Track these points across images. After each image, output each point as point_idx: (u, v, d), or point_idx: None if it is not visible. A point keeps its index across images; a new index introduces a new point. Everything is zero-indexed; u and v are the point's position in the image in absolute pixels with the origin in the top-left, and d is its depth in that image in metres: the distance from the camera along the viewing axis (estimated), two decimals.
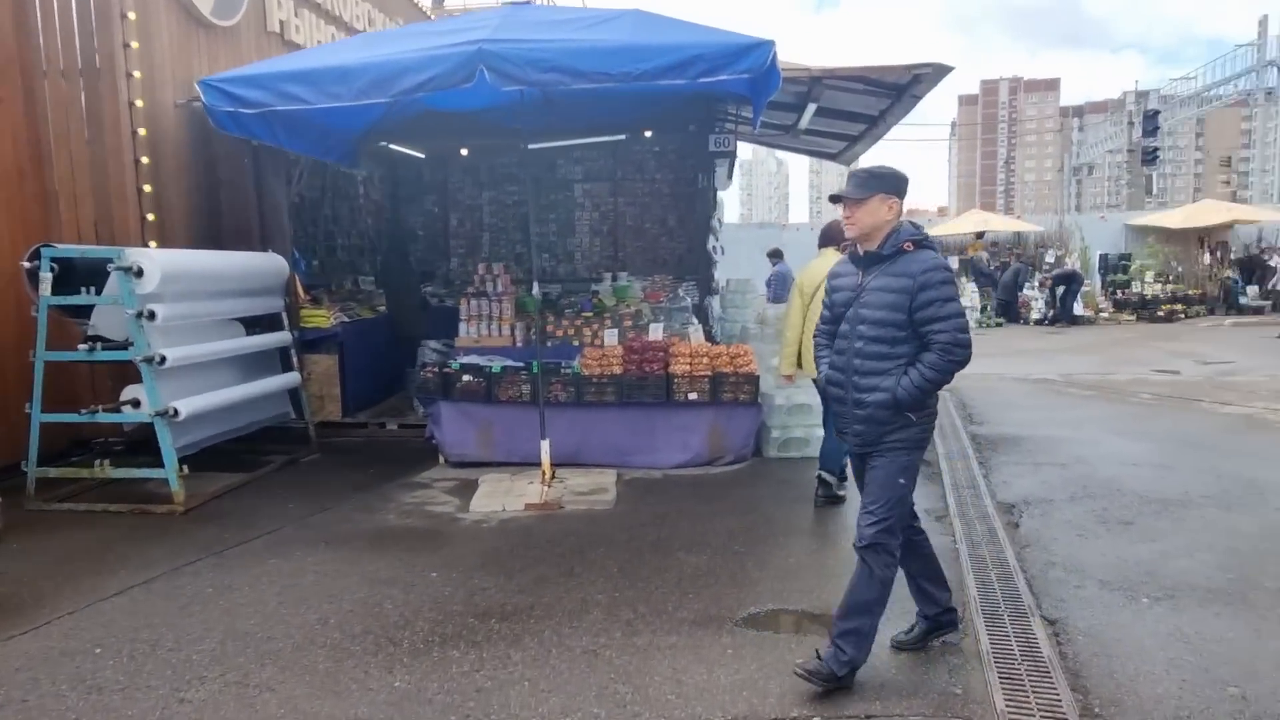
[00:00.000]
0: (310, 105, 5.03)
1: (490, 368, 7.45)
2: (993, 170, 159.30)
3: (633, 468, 7.12)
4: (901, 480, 3.52)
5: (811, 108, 8.63)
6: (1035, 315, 20.77)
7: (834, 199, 3.58)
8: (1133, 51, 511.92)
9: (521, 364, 7.75)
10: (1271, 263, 22.13)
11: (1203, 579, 4.55)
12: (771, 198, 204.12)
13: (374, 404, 9.23)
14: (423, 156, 12.09)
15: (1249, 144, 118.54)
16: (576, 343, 8.51)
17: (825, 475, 6.13)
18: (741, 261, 15.69)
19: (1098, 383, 11.47)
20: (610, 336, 7.26)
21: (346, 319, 8.92)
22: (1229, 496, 6.01)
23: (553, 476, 6.56)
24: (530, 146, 12.03)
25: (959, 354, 3.38)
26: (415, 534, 5.68)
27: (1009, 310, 21.39)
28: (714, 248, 8.36)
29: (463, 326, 8.58)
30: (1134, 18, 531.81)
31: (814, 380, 6.90)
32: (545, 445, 6.43)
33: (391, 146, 10.91)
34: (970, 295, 21.16)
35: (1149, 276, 21.61)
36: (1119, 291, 21.55)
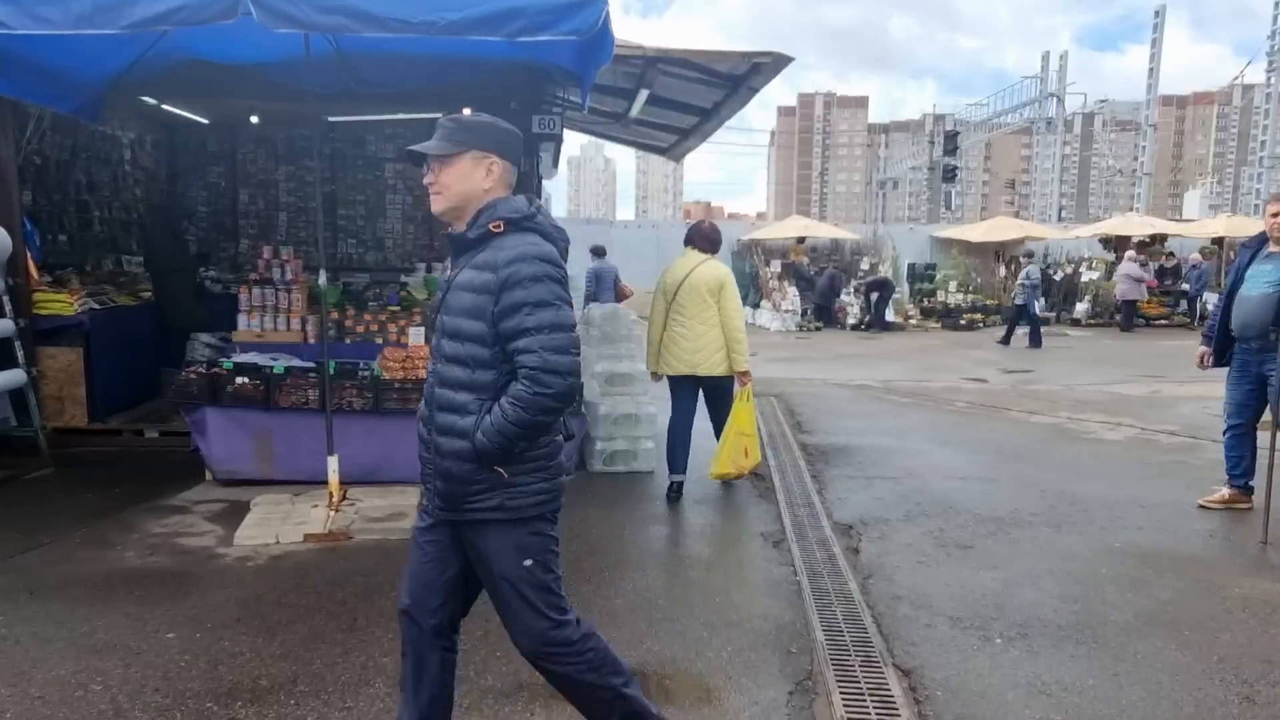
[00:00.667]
0: (10, 30, 3.84)
1: (272, 368, 6.35)
2: (808, 180, 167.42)
3: None
4: (527, 562, 2.51)
5: (644, 94, 8.04)
6: (851, 320, 21.37)
7: (410, 155, 2.59)
8: (930, 78, 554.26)
9: (311, 365, 6.69)
10: (1056, 277, 23.92)
11: (1051, 612, 4.27)
12: (599, 194, 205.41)
13: (133, 407, 7.81)
14: (206, 122, 10.60)
15: (1029, 168, 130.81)
16: (380, 340, 7.52)
17: (675, 479, 6.23)
18: (571, 258, 15.04)
19: (915, 389, 11.61)
20: (416, 335, 6.34)
21: (96, 305, 7.47)
22: (1056, 514, 5.90)
23: (343, 499, 5.59)
24: (332, 119, 10.93)
25: (554, 385, 2.37)
26: (157, 577, 4.57)
27: (825, 314, 21.92)
28: None
29: (242, 319, 7.37)
30: (931, 46, 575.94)
31: (670, 376, 6.22)
32: (333, 462, 5.45)
33: (164, 106, 9.44)
34: (792, 299, 21.50)
35: (952, 286, 22.78)
36: (925, 300, 22.57)
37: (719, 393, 6.25)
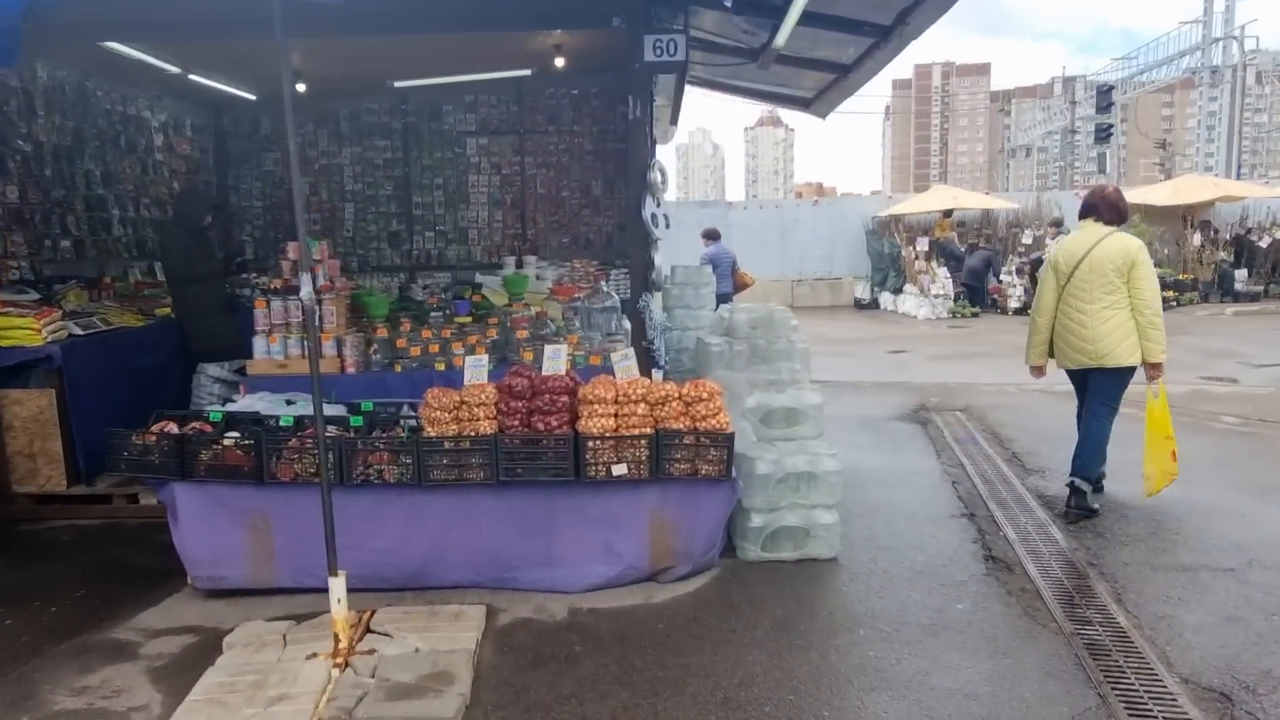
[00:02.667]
0: None
1: (277, 419, 4.35)
2: (926, 153, 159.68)
3: (519, 590, 4.13)
4: None
5: (799, 7, 5.65)
6: (1014, 304, 18.29)
7: None
8: (1054, 41, 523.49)
9: (343, 409, 4.69)
10: (1261, 243, 20.09)
11: None
12: (708, 181, 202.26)
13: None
14: (254, 98, 8.83)
15: (1171, 128, 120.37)
16: (442, 366, 5.47)
17: (1079, 483, 5.20)
18: (683, 247, 12.79)
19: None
20: (475, 367, 4.20)
21: (79, 331, 5.67)
22: None
23: (361, 635, 3.53)
24: (400, 84, 9.02)
25: None
26: None
27: (978, 297, 18.91)
28: (653, 216, 5.33)
29: (259, 343, 5.44)
30: (1052, 8, 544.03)
31: (1068, 370, 5.35)
32: (338, 586, 3.37)
33: (202, 80, 7.67)
34: (942, 282, 18.61)
35: None
36: None
37: (1109, 387, 5.19)
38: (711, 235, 12.82)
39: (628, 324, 5.68)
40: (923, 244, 19.30)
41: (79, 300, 6.30)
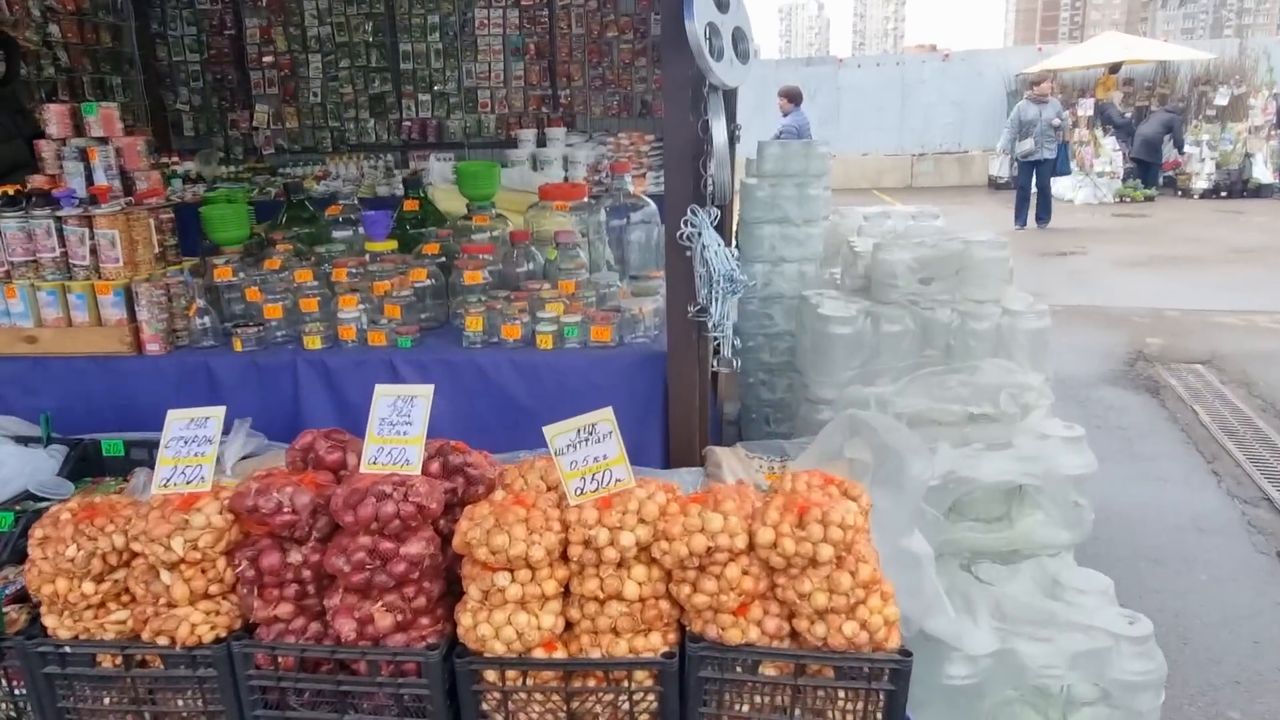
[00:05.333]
0: None
1: None
2: (1055, 5, 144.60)
3: None
4: None
5: None
6: (1202, 184, 14.53)
7: None
8: None
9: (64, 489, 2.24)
10: None
11: None
12: (811, 44, 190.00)
13: None
14: None
15: None
16: (318, 343, 2.95)
17: None
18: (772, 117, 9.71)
19: None
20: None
21: None
22: None
23: None
24: None
25: None
26: None
27: (1150, 175, 15.17)
28: (712, 46, 2.44)
29: None
30: None
31: None
32: None
33: None
34: (1109, 156, 14.90)
35: None
36: None
37: None
38: (792, 96, 9.63)
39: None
40: (1085, 106, 15.46)
41: None
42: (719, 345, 2.60)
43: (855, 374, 2.42)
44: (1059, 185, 15.37)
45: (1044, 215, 12.19)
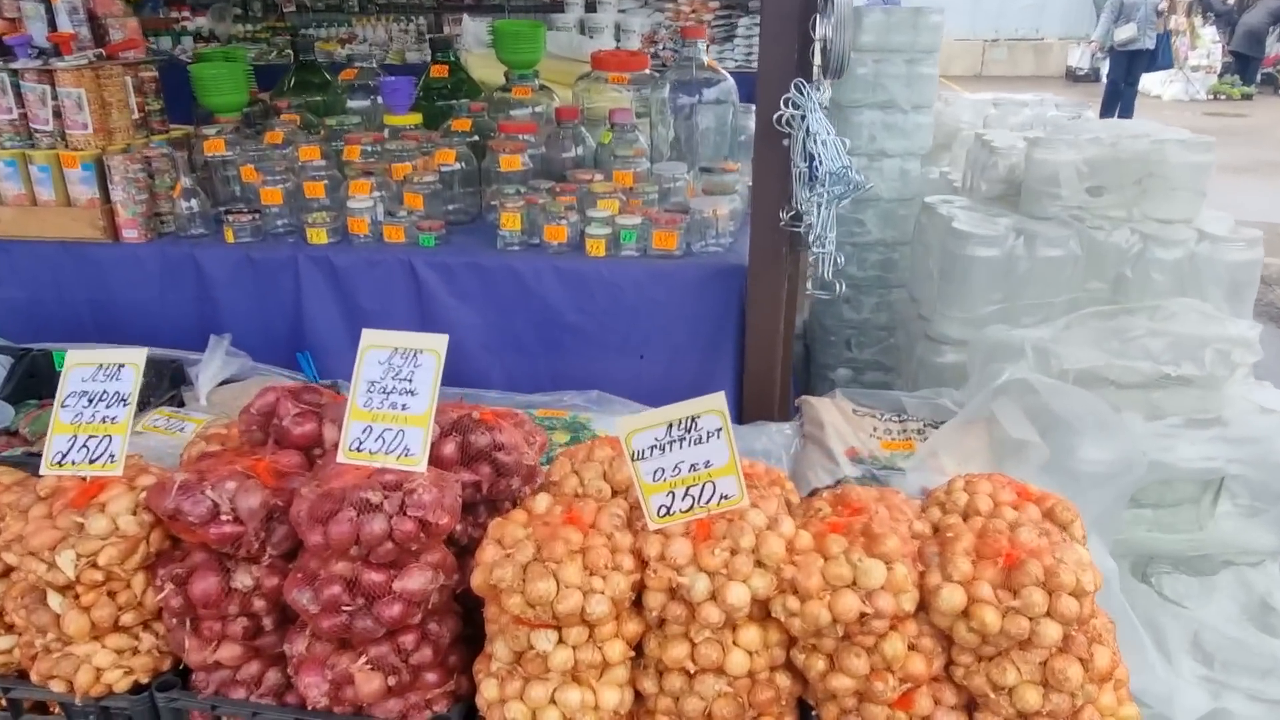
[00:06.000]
0: None
1: None
2: None
3: None
4: None
5: None
6: None
7: None
8: None
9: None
10: None
11: None
12: None
13: None
14: None
15: None
16: (324, 237, 2.46)
17: None
18: None
19: None
20: None
21: None
22: None
23: None
24: None
25: None
26: None
27: (1249, 70, 13.85)
28: None
29: None
30: None
31: None
32: None
33: None
34: (1206, 48, 13.59)
35: None
36: None
37: None
38: None
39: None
40: None
41: None
42: (817, 262, 2.06)
43: (995, 309, 1.89)
44: (1145, 80, 14.13)
45: (1128, 114, 11.15)
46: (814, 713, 1.07)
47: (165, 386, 1.98)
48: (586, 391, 2.06)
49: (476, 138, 2.75)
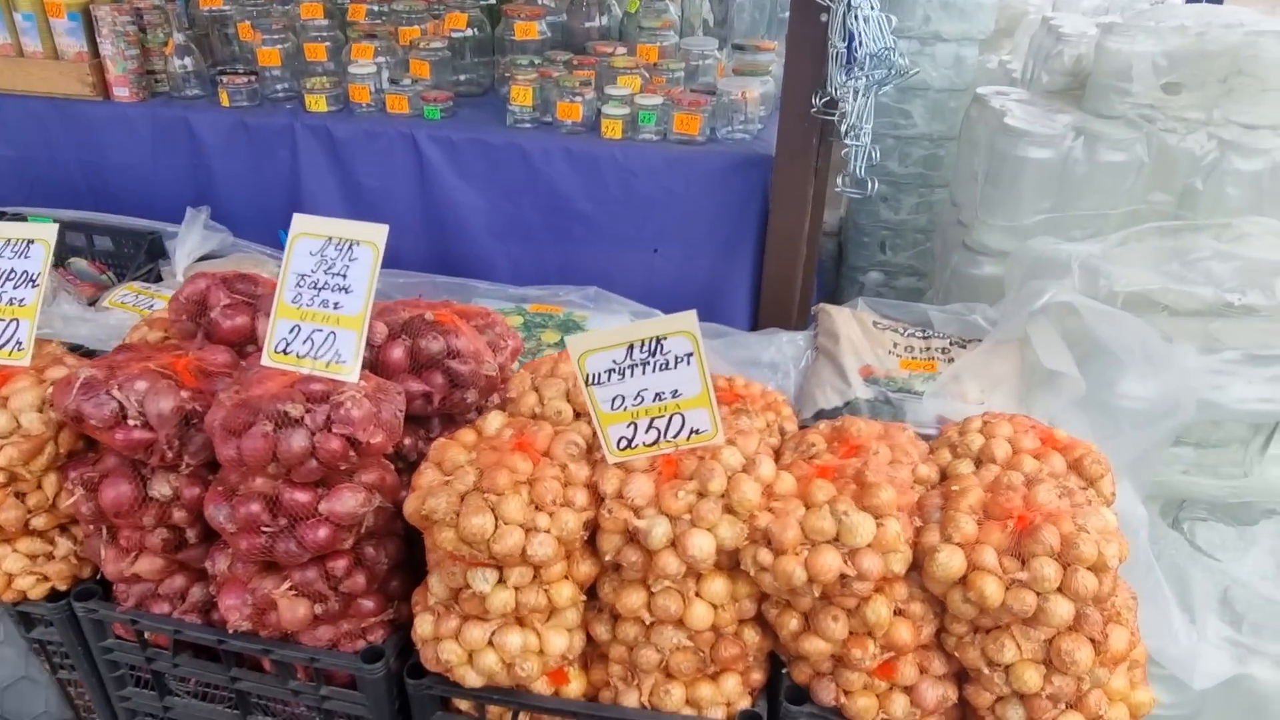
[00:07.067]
0: None
1: None
2: None
3: None
4: None
5: None
6: None
7: None
8: None
9: None
10: None
11: None
12: None
13: None
14: None
15: None
16: (326, 105, 2.30)
17: None
18: None
19: None
20: None
21: None
22: None
23: None
24: None
25: None
26: None
27: None
28: None
29: None
30: None
31: None
32: None
33: None
34: None
35: None
36: None
37: None
38: None
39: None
40: None
41: None
42: (850, 157, 1.87)
43: (1042, 219, 1.70)
44: None
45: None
46: (784, 670, 0.97)
47: (142, 259, 1.88)
48: (584, 288, 1.93)
49: (492, 1, 2.53)
